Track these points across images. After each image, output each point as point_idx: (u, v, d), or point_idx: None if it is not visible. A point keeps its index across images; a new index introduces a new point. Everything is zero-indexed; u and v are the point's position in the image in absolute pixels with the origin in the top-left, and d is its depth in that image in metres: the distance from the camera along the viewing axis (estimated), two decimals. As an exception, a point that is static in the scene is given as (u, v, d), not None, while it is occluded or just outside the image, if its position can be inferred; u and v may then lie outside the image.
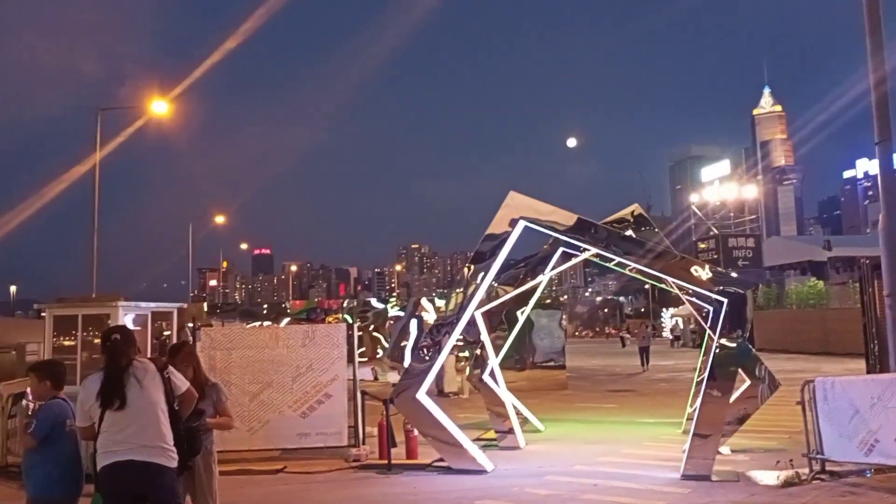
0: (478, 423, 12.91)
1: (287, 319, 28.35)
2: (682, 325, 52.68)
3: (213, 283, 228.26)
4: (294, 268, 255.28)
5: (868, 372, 11.07)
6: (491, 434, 11.90)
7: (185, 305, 19.46)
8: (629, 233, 11.43)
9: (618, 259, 10.77)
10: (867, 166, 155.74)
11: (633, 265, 10.75)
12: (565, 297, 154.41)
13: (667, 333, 62.11)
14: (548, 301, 35.03)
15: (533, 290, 13.60)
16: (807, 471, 8.16)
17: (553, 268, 12.83)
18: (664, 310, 72.82)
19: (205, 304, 50.04)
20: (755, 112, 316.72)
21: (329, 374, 10.53)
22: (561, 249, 12.20)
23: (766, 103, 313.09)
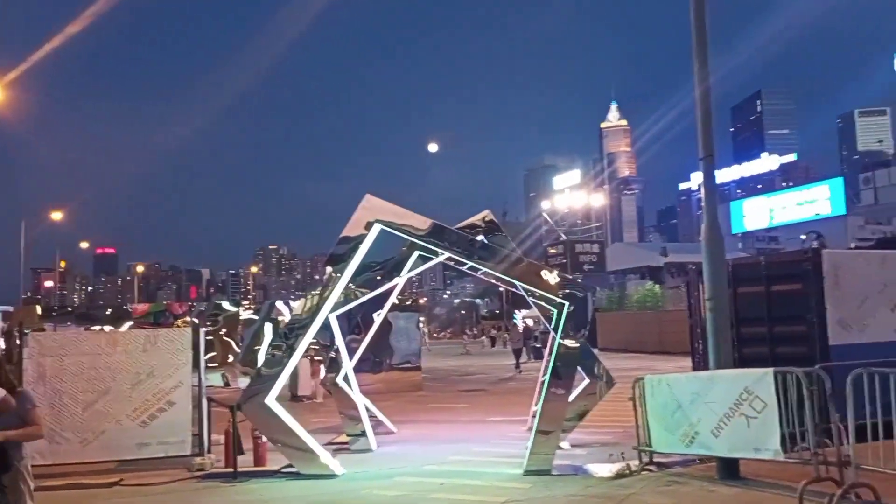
0: (331, 428, 12.82)
1: (129, 323, 26.67)
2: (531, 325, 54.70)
3: (48, 283, 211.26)
4: (141, 268, 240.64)
5: (693, 369, 12.06)
6: (343, 438, 11.86)
7: (11, 308, 17.88)
8: (480, 238, 11.78)
9: (470, 263, 11.13)
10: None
11: (485, 269, 11.11)
12: (425, 299, 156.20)
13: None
14: (408, 303, 35.37)
15: (390, 292, 13.74)
16: (637, 463, 8.77)
17: (409, 270, 13.00)
18: (516, 311, 75.46)
19: (38, 307, 46.18)
20: (603, 125, 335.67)
21: (172, 380, 10.05)
22: (417, 253, 12.38)
23: (613, 117, 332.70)
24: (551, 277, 10.23)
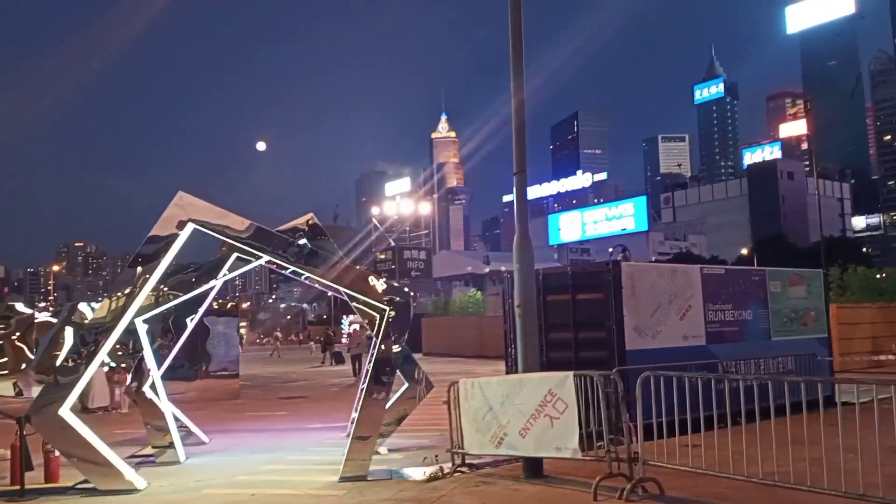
0: (136, 440, 12.00)
1: None
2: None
3: None
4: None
5: (507, 373, 12.60)
6: (149, 450, 11.15)
7: None
8: (303, 241, 11.58)
9: (291, 268, 10.89)
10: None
11: (308, 274, 10.92)
12: (248, 303, 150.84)
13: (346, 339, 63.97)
14: (228, 307, 33.93)
15: (205, 295, 13.10)
16: (450, 465, 9.01)
17: (227, 273, 12.48)
18: (344, 316, 75.01)
19: None
20: (433, 135, 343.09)
21: (-55, 391, 8.94)
22: (235, 255, 11.92)
23: (443, 128, 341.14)
24: (378, 284, 10.27)
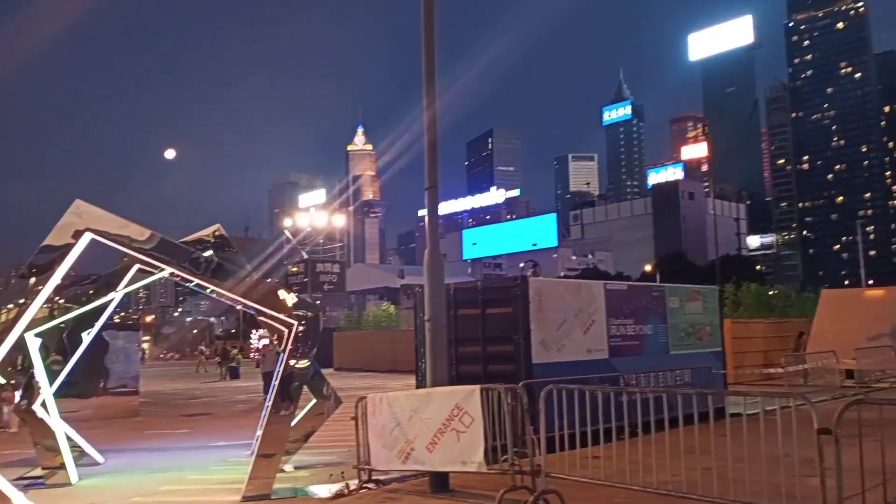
0: (26, 461, 11.32)
1: None
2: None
3: None
4: None
5: (417, 387, 12.61)
6: (38, 472, 10.53)
7: None
8: (209, 253, 11.27)
9: (196, 281, 10.57)
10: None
11: (214, 288, 10.63)
12: (153, 317, 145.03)
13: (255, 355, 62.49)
14: (130, 322, 32.65)
15: (104, 308, 12.54)
16: (356, 481, 8.93)
17: (127, 285, 12.01)
18: (254, 331, 73.27)
19: None
20: (350, 148, 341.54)
21: None
22: (137, 267, 11.50)
23: (360, 141, 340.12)
24: (288, 298, 10.11)
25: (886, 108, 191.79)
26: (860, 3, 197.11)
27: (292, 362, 9.47)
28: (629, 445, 7.09)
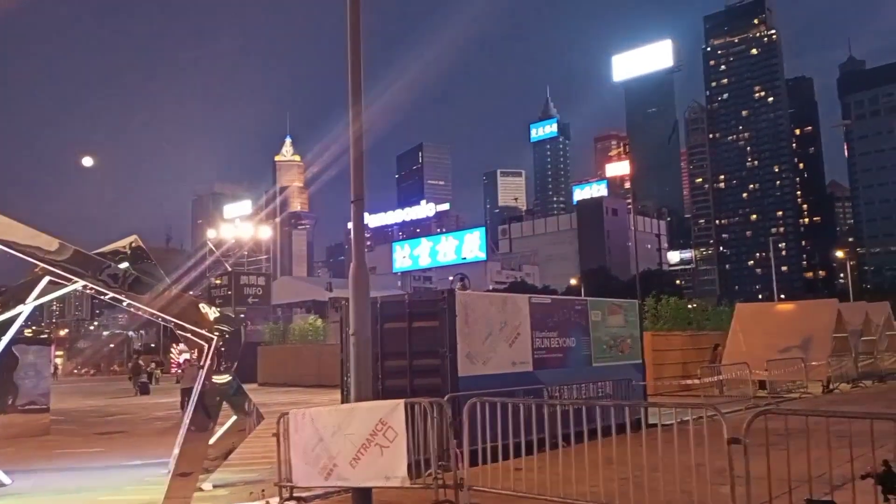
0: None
1: None
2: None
3: None
4: None
5: (342, 402, 12.47)
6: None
7: None
8: (125, 265, 10.89)
9: (111, 294, 10.18)
10: (367, 219, 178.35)
11: (130, 301, 10.26)
12: (67, 330, 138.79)
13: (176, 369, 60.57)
14: (42, 336, 31.26)
15: (11, 322, 11.93)
16: (277, 499, 8.74)
17: (38, 297, 11.46)
18: (174, 345, 71.06)
19: None
20: (277, 158, 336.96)
21: None
22: (48, 278, 10.99)
23: (287, 152, 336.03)
24: (210, 312, 9.85)
25: (797, 131, 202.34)
26: (772, 31, 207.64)
27: (212, 378, 9.22)
28: (552, 457, 7.19)
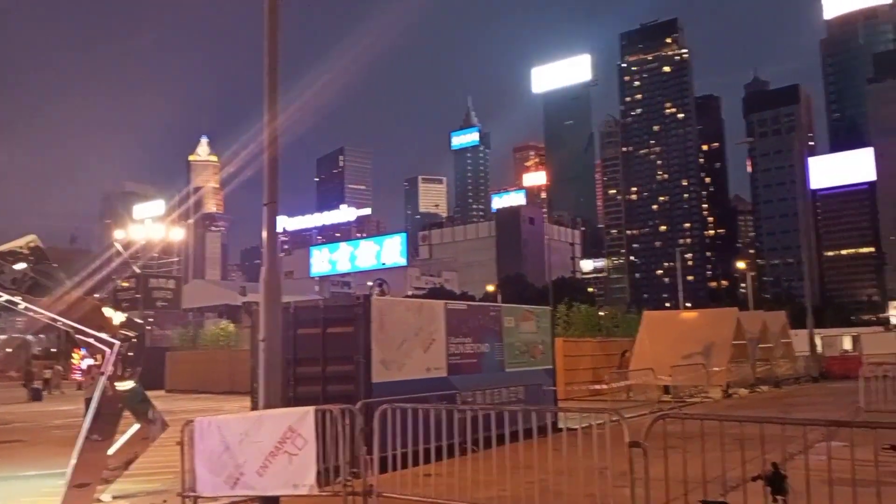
0: None
1: None
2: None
3: None
4: None
5: (252, 409, 12.20)
6: None
7: None
8: (21, 266, 10.34)
9: (6, 297, 9.65)
10: (285, 223, 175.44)
11: (27, 305, 9.74)
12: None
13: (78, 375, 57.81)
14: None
15: None
16: (181, 509, 8.47)
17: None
18: (76, 350, 67.79)
19: None
20: (192, 158, 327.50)
21: None
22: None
23: (203, 151, 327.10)
24: (115, 316, 9.46)
25: (704, 147, 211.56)
26: (684, 51, 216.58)
27: (115, 384, 8.85)
28: (463, 462, 7.27)
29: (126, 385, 9.12)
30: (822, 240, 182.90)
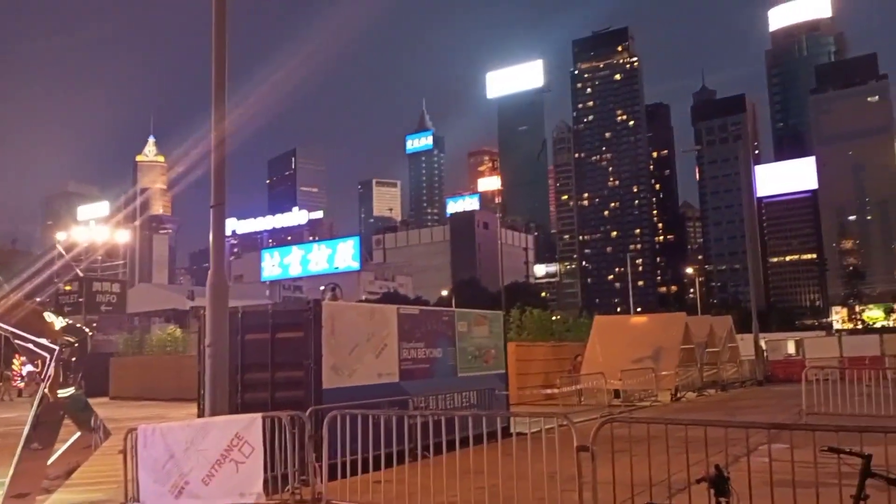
0: None
1: None
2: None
3: None
4: None
5: (199, 416, 11.94)
6: None
7: None
8: (-45, 269, 9.94)
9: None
10: (235, 225, 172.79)
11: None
12: None
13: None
14: None
15: None
16: (123, 519, 8.24)
17: None
18: (16, 356, 65.52)
19: None
20: (139, 159, 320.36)
21: None
22: None
23: (150, 152, 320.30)
24: (56, 321, 9.14)
25: (655, 154, 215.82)
26: (634, 59, 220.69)
27: (56, 391, 8.55)
28: (413, 469, 7.21)
29: (67, 392, 8.82)
30: (767, 246, 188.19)
